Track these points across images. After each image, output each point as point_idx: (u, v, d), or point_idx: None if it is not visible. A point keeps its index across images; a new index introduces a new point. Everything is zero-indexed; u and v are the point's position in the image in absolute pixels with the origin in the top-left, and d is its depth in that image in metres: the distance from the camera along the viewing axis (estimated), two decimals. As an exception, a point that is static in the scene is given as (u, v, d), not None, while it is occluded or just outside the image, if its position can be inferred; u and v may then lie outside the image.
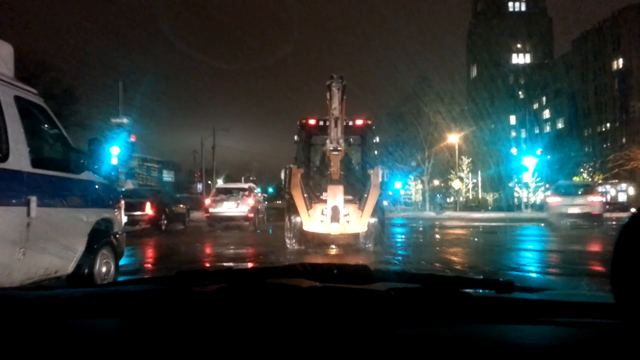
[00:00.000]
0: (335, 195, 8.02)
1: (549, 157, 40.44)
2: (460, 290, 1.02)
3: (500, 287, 1.02)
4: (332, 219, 7.96)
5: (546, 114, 54.86)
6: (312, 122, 9.49)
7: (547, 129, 53.52)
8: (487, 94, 41.37)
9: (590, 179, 38.07)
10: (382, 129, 36.27)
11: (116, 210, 4.74)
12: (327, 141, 7.87)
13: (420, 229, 17.13)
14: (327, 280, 0.99)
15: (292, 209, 8.43)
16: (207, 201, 15.29)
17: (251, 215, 14.57)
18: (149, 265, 7.39)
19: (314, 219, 8.20)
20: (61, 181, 3.67)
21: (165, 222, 13.59)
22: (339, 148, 7.76)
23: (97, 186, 4.27)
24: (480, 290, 1.12)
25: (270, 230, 13.60)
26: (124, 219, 5.05)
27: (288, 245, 8.55)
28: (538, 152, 37.49)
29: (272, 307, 0.89)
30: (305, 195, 8.27)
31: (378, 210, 8.48)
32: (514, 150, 42.75)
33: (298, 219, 8.32)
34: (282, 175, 8.85)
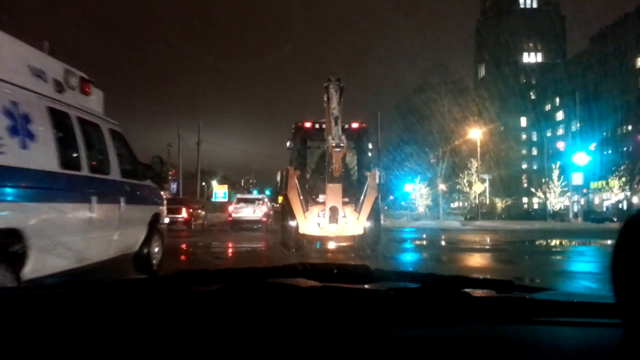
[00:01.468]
0: (334, 195, 8.34)
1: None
2: (460, 290, 1.08)
3: (500, 287, 1.08)
4: (330, 219, 8.27)
5: (559, 115, 55.60)
6: (307, 125, 9.81)
7: (561, 131, 54.32)
8: (497, 94, 41.81)
9: (627, 182, 36.15)
10: (388, 126, 33.85)
11: (162, 208, 6.75)
12: (329, 138, 8.09)
13: (459, 253, 11.12)
14: (327, 280, 1.07)
15: (288, 212, 8.72)
16: (231, 208, 20.25)
17: (264, 219, 19.29)
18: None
19: (311, 222, 8.48)
20: (135, 186, 5.67)
21: (193, 223, 19.30)
22: (341, 144, 8.00)
23: (153, 190, 6.27)
24: (481, 290, 1.17)
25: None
26: (167, 219, 7.15)
27: (284, 249, 8.82)
28: (592, 147, 33.68)
29: (272, 307, 0.96)
30: (301, 197, 8.61)
31: (375, 214, 8.82)
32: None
33: (294, 222, 8.57)
34: (278, 178, 9.22)
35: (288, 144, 10.07)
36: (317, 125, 9.61)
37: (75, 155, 4.35)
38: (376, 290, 1.12)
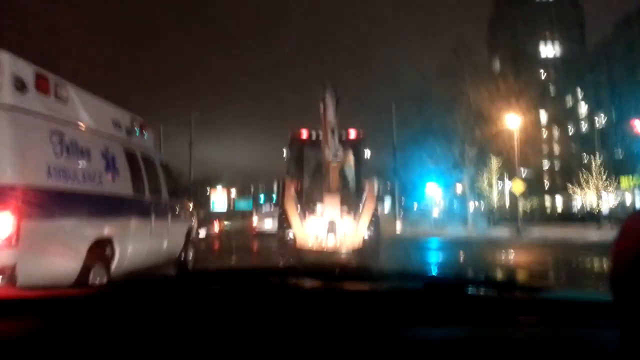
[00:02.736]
0: (332, 207, 8.93)
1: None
2: (461, 290, 1.19)
3: (502, 287, 1.22)
4: (328, 231, 8.81)
5: (582, 107, 56.33)
6: (303, 134, 10.38)
7: (584, 125, 55.13)
8: (513, 89, 42.46)
9: None
10: (404, 119, 31.33)
11: (194, 223, 8.75)
12: (326, 151, 8.68)
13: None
14: (329, 280, 1.20)
15: (285, 223, 9.25)
16: (254, 220, 24.74)
17: None
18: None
19: (308, 234, 8.98)
20: (177, 206, 7.64)
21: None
22: (338, 154, 8.60)
23: (188, 208, 8.27)
24: (483, 291, 1.28)
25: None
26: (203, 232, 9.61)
27: (280, 262, 9.19)
28: None
29: (274, 307, 1.04)
30: (298, 208, 9.19)
31: (375, 225, 9.34)
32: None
33: (291, 234, 9.11)
34: (274, 188, 10.11)
35: (284, 153, 10.74)
36: (313, 135, 10.24)
37: (140, 183, 6.34)
38: (378, 291, 1.19)
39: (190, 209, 8.72)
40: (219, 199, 43.40)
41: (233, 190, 53.25)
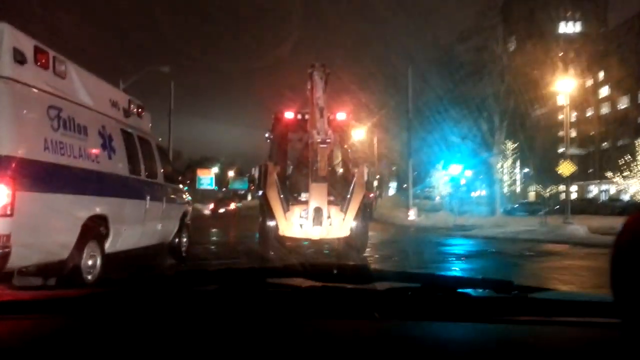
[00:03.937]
0: (318, 195, 8.46)
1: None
2: (459, 290, 1.26)
3: (499, 287, 1.26)
4: (314, 221, 8.43)
5: (604, 91, 55.14)
6: (289, 115, 9.84)
7: (605, 109, 53.88)
8: (529, 70, 39.60)
9: None
10: (423, 89, 28.91)
11: (189, 207, 8.98)
12: (314, 132, 8.22)
13: None
14: (327, 280, 1.24)
15: (267, 212, 8.86)
16: None
17: None
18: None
19: (292, 223, 8.63)
20: (172, 189, 7.93)
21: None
22: (328, 140, 8.13)
23: (184, 192, 8.50)
24: (480, 290, 1.34)
25: None
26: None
27: (261, 253, 8.98)
28: None
29: (272, 307, 1.09)
30: (281, 196, 8.76)
31: (362, 215, 9.09)
32: None
33: (273, 223, 8.75)
34: (256, 174, 9.53)
35: (267, 135, 10.39)
36: (299, 116, 9.76)
37: (137, 164, 6.58)
38: (376, 290, 1.25)
39: (186, 193, 8.95)
40: (205, 177, 45.52)
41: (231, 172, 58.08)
